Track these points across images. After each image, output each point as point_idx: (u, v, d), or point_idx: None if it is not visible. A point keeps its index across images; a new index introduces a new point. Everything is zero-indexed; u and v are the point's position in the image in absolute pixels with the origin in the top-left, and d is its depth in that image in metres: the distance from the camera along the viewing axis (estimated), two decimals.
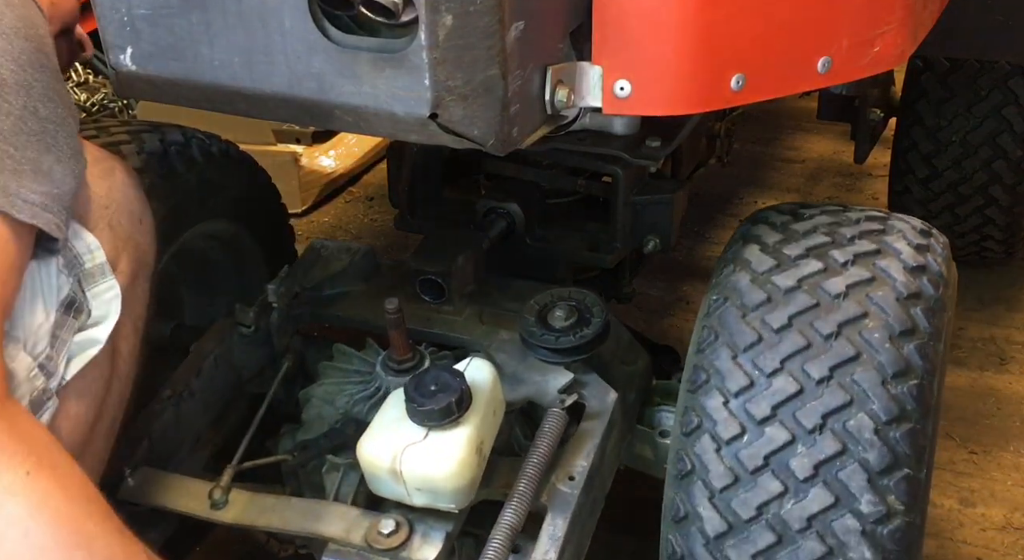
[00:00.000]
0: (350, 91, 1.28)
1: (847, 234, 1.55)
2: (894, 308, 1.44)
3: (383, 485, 1.50)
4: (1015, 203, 2.74)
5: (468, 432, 1.48)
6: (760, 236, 1.58)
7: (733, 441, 1.41)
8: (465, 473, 1.47)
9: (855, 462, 1.36)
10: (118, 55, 1.38)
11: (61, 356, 1.30)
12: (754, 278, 1.51)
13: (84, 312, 1.35)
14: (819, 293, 1.46)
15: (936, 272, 1.52)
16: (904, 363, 1.40)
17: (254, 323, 1.87)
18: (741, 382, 1.43)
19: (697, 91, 1.39)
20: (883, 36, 1.47)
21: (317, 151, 3.53)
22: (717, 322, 1.49)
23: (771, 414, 1.40)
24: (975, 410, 2.56)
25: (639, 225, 2.02)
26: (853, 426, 1.37)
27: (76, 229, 1.37)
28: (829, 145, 3.80)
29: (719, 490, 1.40)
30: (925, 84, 2.69)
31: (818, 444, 1.37)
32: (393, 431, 1.49)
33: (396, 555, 1.46)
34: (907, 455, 1.36)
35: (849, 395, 1.38)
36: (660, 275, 3.03)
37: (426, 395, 1.46)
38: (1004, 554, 2.18)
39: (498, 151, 1.30)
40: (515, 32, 1.24)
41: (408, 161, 2.12)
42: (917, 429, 1.38)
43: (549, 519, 1.50)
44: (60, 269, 1.32)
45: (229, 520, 1.58)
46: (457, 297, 1.88)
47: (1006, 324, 2.87)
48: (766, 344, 1.43)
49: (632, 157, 1.89)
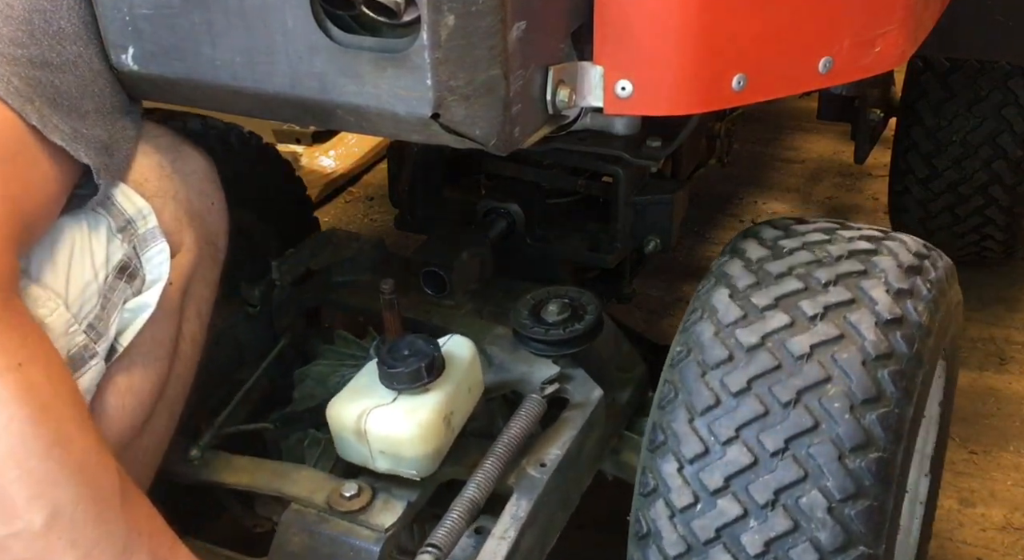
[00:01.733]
0: (352, 91, 1.28)
1: (822, 279, 1.46)
2: (858, 373, 1.36)
3: (349, 448, 1.50)
4: (1015, 203, 2.75)
5: (437, 399, 1.48)
6: (732, 278, 1.51)
7: (686, 510, 1.37)
8: (429, 438, 1.47)
9: (807, 541, 1.31)
10: (119, 55, 1.38)
11: (112, 318, 1.32)
12: (718, 331, 1.44)
13: (139, 278, 1.36)
14: (782, 353, 1.39)
15: (914, 323, 1.43)
16: (864, 435, 1.33)
17: (259, 302, 1.88)
18: (696, 449, 1.38)
19: (698, 91, 1.39)
20: (884, 36, 1.47)
21: (317, 151, 3.54)
22: (678, 378, 1.44)
23: (724, 485, 1.35)
24: (975, 410, 2.56)
25: (639, 225, 2.03)
26: (805, 503, 1.31)
27: (128, 193, 1.38)
28: (829, 145, 3.80)
29: (672, 558, 1.38)
30: (925, 84, 2.69)
31: (769, 521, 1.32)
32: (363, 394, 1.50)
33: (355, 518, 1.46)
34: (862, 533, 1.31)
35: (803, 470, 1.32)
36: (660, 275, 3.03)
37: (398, 359, 1.48)
38: (1004, 554, 2.18)
39: (500, 151, 1.30)
40: (517, 32, 1.24)
41: (409, 161, 2.12)
42: (874, 506, 1.32)
43: (513, 500, 1.50)
44: (113, 233, 1.34)
45: (200, 477, 1.60)
46: (459, 292, 1.89)
47: (1006, 324, 2.88)
48: (723, 408, 1.38)
49: (633, 157, 1.90)
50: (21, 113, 1.19)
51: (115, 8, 1.35)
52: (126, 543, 1.12)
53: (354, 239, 2.04)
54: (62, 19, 1.29)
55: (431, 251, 1.94)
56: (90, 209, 1.33)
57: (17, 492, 1.04)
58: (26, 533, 1.05)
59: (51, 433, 1.05)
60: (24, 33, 1.24)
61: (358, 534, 1.45)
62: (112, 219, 1.35)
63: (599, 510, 1.72)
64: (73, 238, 1.31)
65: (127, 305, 1.34)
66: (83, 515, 1.08)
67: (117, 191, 1.37)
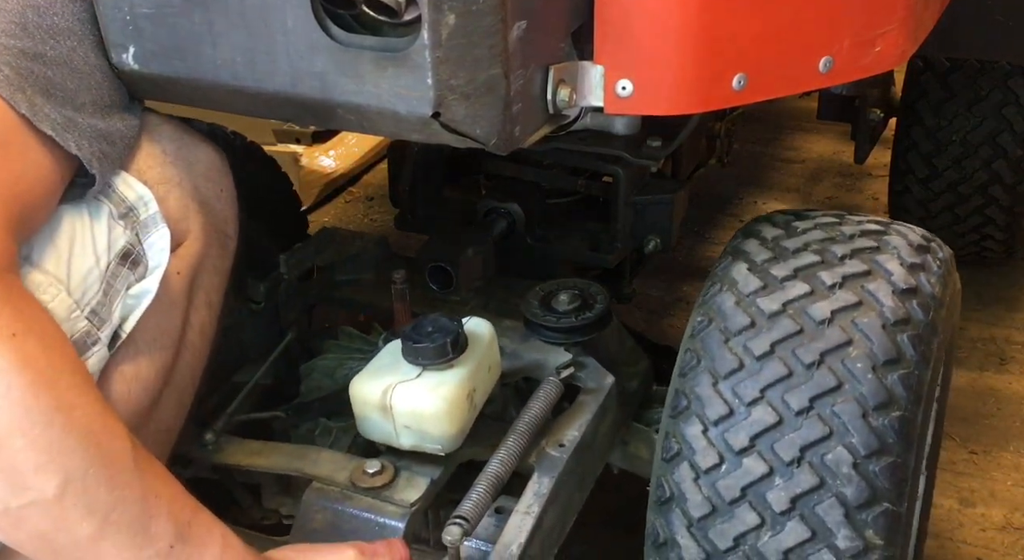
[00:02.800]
0: (352, 90, 1.28)
1: (838, 253, 1.51)
2: (879, 336, 1.40)
3: (372, 425, 1.50)
4: (1015, 203, 2.75)
5: (461, 374, 1.49)
6: (749, 253, 1.55)
7: (711, 471, 1.39)
8: (455, 413, 1.47)
9: (832, 496, 1.33)
10: (120, 54, 1.38)
11: (115, 305, 1.32)
12: (739, 300, 1.47)
13: (141, 264, 1.36)
14: (803, 319, 1.42)
15: (928, 294, 1.48)
16: (886, 394, 1.36)
17: (263, 299, 1.89)
18: (720, 411, 1.40)
19: (699, 91, 1.39)
20: (884, 36, 1.47)
21: (317, 151, 3.53)
22: (700, 345, 1.46)
23: (749, 445, 1.37)
24: (975, 410, 2.56)
25: (639, 225, 2.03)
26: (831, 459, 1.34)
27: (129, 180, 1.38)
28: (829, 145, 3.80)
29: (697, 519, 1.39)
30: (925, 84, 2.69)
31: (795, 477, 1.34)
32: (386, 371, 1.50)
33: (379, 494, 1.46)
34: (886, 489, 1.34)
35: (828, 427, 1.35)
36: (660, 275, 3.03)
37: (423, 335, 1.49)
38: (1004, 554, 2.18)
39: (500, 150, 1.30)
40: (517, 31, 1.24)
41: (409, 161, 2.13)
42: (898, 463, 1.35)
43: (535, 477, 1.50)
44: (115, 220, 1.34)
45: (218, 460, 1.60)
46: (464, 288, 1.91)
47: (1006, 324, 2.88)
48: (747, 372, 1.41)
49: (633, 157, 1.90)
50: (11, 101, 1.19)
51: (116, 7, 1.35)
52: (143, 506, 1.11)
53: (358, 237, 2.06)
54: (56, 15, 1.29)
55: (436, 247, 1.95)
56: (91, 197, 1.33)
57: (24, 462, 1.04)
58: (40, 502, 1.05)
59: (52, 400, 1.05)
60: (17, 26, 1.24)
61: (383, 510, 1.45)
62: (113, 206, 1.35)
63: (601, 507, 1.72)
64: (74, 225, 1.31)
65: (130, 291, 1.34)
66: (95, 480, 1.07)
67: (118, 179, 1.37)
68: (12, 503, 1.05)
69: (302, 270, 1.95)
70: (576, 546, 1.60)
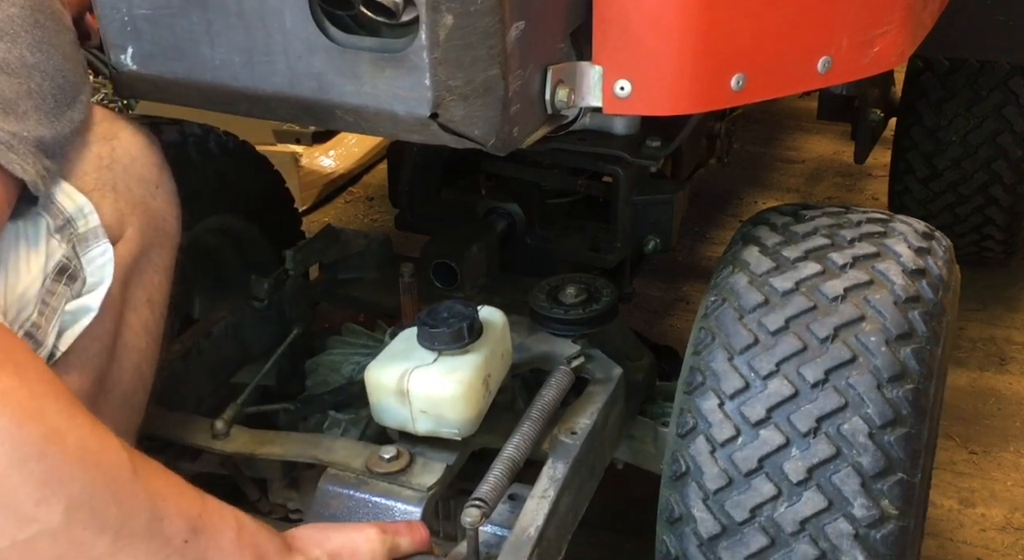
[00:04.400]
0: (350, 91, 1.28)
1: (847, 237, 1.54)
2: (891, 312, 1.43)
3: (388, 411, 1.50)
4: (1015, 203, 2.75)
5: (477, 359, 1.49)
6: (760, 238, 1.58)
7: (728, 443, 1.40)
8: (471, 398, 1.47)
9: (848, 466, 1.35)
10: (119, 55, 1.38)
11: (51, 325, 1.26)
12: (752, 280, 1.50)
13: (79, 279, 1.30)
14: (816, 296, 1.45)
15: (936, 276, 1.51)
16: (900, 367, 1.39)
17: (267, 296, 1.89)
18: (736, 384, 1.42)
19: (698, 91, 1.39)
20: (883, 36, 1.47)
21: (317, 151, 3.53)
22: (714, 323, 1.49)
23: (766, 417, 1.39)
24: (975, 410, 2.56)
25: (639, 225, 2.03)
26: (847, 430, 1.36)
27: (68, 191, 1.31)
28: (829, 145, 3.80)
29: (713, 492, 1.40)
30: (925, 84, 2.69)
31: (812, 447, 1.36)
32: (402, 357, 1.50)
33: (395, 479, 1.46)
34: (901, 459, 1.36)
35: (844, 399, 1.37)
36: (660, 275, 3.03)
37: (439, 321, 1.49)
38: (1004, 554, 2.18)
39: (499, 151, 1.30)
40: (515, 32, 1.24)
41: (408, 161, 2.13)
42: (912, 434, 1.37)
43: (550, 463, 1.51)
44: (52, 233, 1.28)
45: (231, 450, 1.59)
46: (468, 284, 1.92)
47: (1006, 324, 2.87)
48: (762, 346, 1.43)
49: (632, 157, 1.90)
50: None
51: (114, 8, 1.35)
52: (152, 511, 1.10)
53: (362, 236, 2.06)
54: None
55: (441, 245, 1.96)
56: (30, 211, 1.26)
57: (24, 497, 1.01)
58: (48, 532, 1.03)
59: (40, 431, 1.02)
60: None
61: (399, 495, 1.44)
62: (51, 219, 1.28)
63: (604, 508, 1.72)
64: (10, 243, 1.24)
65: (67, 307, 1.28)
66: (100, 500, 1.05)
67: (57, 189, 1.30)
68: (19, 536, 1.02)
69: (307, 267, 1.96)
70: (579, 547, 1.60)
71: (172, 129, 1.95)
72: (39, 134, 1.23)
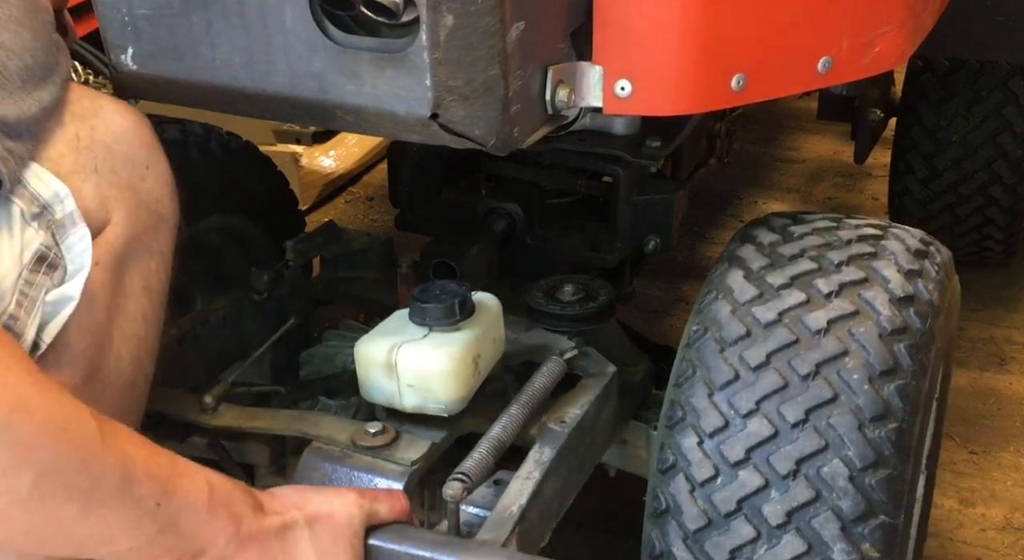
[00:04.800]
0: (351, 91, 1.28)
1: (835, 260, 1.49)
2: (876, 346, 1.38)
3: (375, 386, 1.50)
4: (1015, 203, 2.75)
5: (468, 337, 1.49)
6: (745, 260, 1.54)
7: (707, 483, 1.38)
8: (460, 374, 1.47)
9: (828, 509, 1.32)
10: (119, 55, 1.38)
11: (32, 316, 1.21)
12: (735, 309, 1.46)
13: (59, 268, 1.25)
14: (799, 328, 1.41)
15: (926, 302, 1.46)
16: (883, 406, 1.35)
17: (266, 290, 1.89)
18: (716, 422, 1.39)
19: (698, 91, 1.39)
20: (883, 36, 1.47)
21: (317, 151, 3.53)
22: (696, 355, 1.46)
23: (745, 457, 1.36)
24: (975, 410, 2.56)
25: (639, 225, 2.03)
26: (827, 472, 1.33)
27: (42, 175, 1.25)
28: (829, 145, 3.80)
29: (692, 532, 1.38)
30: (925, 84, 2.69)
31: (791, 490, 1.33)
32: (393, 332, 1.51)
33: (379, 454, 1.45)
34: (883, 502, 1.33)
35: (824, 440, 1.34)
36: (660, 275, 3.03)
37: (431, 297, 1.50)
38: (1004, 554, 2.18)
39: (499, 151, 1.30)
40: (516, 32, 1.24)
41: (408, 161, 2.13)
42: (894, 475, 1.34)
43: (537, 447, 1.50)
44: (27, 221, 1.22)
45: (218, 423, 1.59)
46: (469, 284, 1.91)
47: (1006, 324, 2.87)
48: (742, 383, 1.40)
49: (632, 157, 1.90)
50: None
51: (115, 8, 1.35)
52: (122, 475, 1.08)
53: (363, 234, 2.07)
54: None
55: (441, 245, 1.96)
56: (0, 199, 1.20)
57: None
58: (17, 501, 1.02)
59: (5, 403, 1.00)
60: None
61: (382, 469, 1.43)
62: (25, 205, 1.22)
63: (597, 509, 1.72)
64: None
65: (48, 297, 1.23)
66: (68, 466, 1.05)
67: (29, 173, 1.24)
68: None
69: (307, 259, 1.96)
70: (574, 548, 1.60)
71: (174, 128, 1.95)
72: (4, 113, 1.18)
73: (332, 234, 2.03)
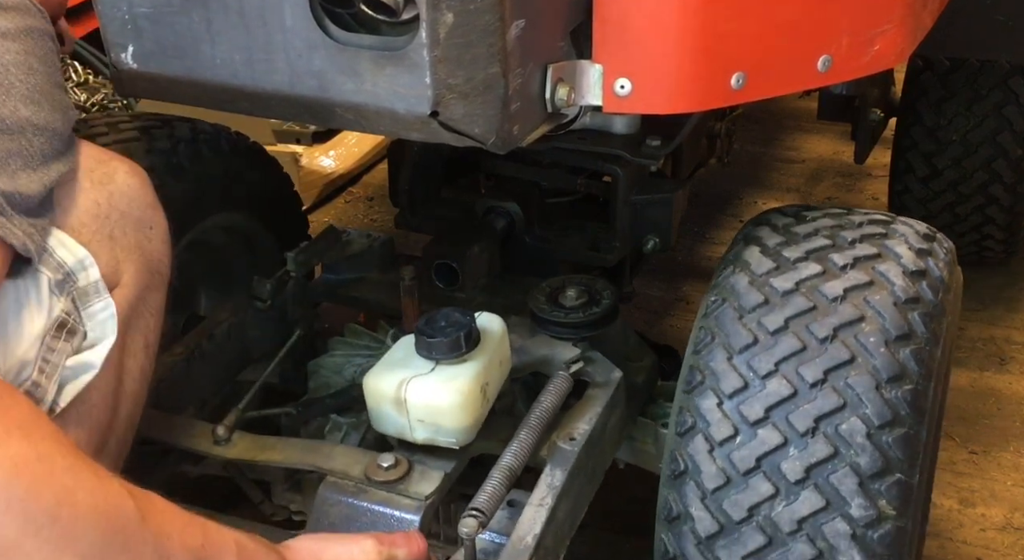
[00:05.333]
0: (351, 89, 1.28)
1: (848, 237, 1.54)
2: (891, 312, 1.43)
3: (386, 419, 1.51)
4: (1015, 202, 2.74)
5: (475, 368, 1.50)
6: (761, 238, 1.58)
7: (726, 442, 1.40)
8: (469, 407, 1.48)
9: (846, 466, 1.35)
10: (119, 54, 1.39)
11: (52, 382, 1.23)
12: (752, 280, 1.50)
13: (79, 334, 1.28)
14: (816, 296, 1.45)
15: (937, 277, 1.51)
16: (899, 368, 1.39)
17: (269, 297, 1.89)
18: (735, 384, 1.42)
19: (697, 90, 1.39)
20: (883, 35, 1.47)
21: (317, 151, 3.53)
22: (714, 323, 1.49)
23: (764, 416, 1.39)
24: (975, 410, 2.56)
25: (639, 225, 2.03)
26: (845, 430, 1.36)
27: (67, 242, 1.28)
28: (829, 145, 3.80)
29: (711, 491, 1.40)
30: (925, 84, 2.69)
31: (810, 447, 1.36)
32: (400, 365, 1.52)
33: (393, 488, 1.47)
34: (899, 460, 1.36)
35: (842, 399, 1.37)
36: (660, 275, 3.03)
37: (436, 330, 1.50)
38: (1004, 554, 2.18)
39: (499, 149, 1.30)
40: (516, 30, 1.24)
41: (408, 160, 2.13)
42: (911, 434, 1.37)
43: (548, 470, 1.51)
44: (52, 289, 1.25)
45: (231, 456, 1.60)
46: (470, 285, 1.92)
47: (1006, 324, 2.87)
48: (761, 346, 1.43)
49: (632, 156, 1.90)
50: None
51: (115, 7, 1.35)
52: (159, 553, 1.09)
53: (363, 236, 2.07)
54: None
55: (442, 245, 1.96)
56: (27, 269, 1.22)
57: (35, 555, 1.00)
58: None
59: (52, 495, 1.00)
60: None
61: (398, 503, 1.46)
62: (51, 274, 1.25)
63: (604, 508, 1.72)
64: (9, 308, 1.20)
65: (67, 362, 1.25)
66: (111, 551, 1.05)
67: (54, 241, 1.26)
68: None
69: (309, 268, 1.96)
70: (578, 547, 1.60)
71: (184, 126, 1.96)
72: (28, 192, 1.19)
73: (332, 239, 2.03)
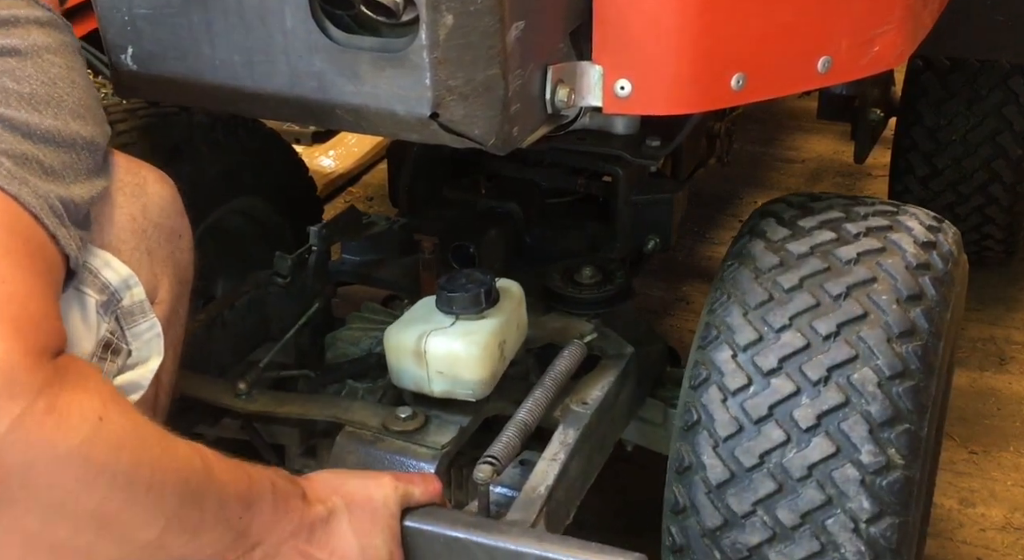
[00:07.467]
0: (351, 90, 1.29)
1: (861, 212, 1.59)
2: (903, 274, 1.47)
3: (405, 372, 1.54)
4: (1015, 202, 2.75)
5: (494, 324, 1.53)
6: (777, 212, 1.63)
7: (739, 392, 1.44)
8: (487, 360, 1.51)
9: (857, 413, 1.38)
10: (119, 55, 1.39)
11: None
12: (768, 245, 1.55)
13: (123, 353, 1.28)
14: (831, 259, 1.49)
15: (946, 250, 1.56)
16: (910, 324, 1.43)
17: (290, 273, 1.91)
18: (750, 336, 1.46)
19: (697, 90, 1.39)
20: (883, 36, 1.47)
21: (317, 151, 3.54)
22: (730, 283, 1.53)
23: (777, 366, 1.42)
24: (975, 410, 2.56)
25: (639, 225, 2.03)
26: (857, 379, 1.39)
27: (112, 263, 1.27)
28: (829, 145, 3.80)
29: (723, 439, 1.43)
30: (925, 84, 2.69)
31: (822, 395, 1.40)
32: (421, 320, 1.55)
33: (410, 437, 1.50)
34: (909, 410, 1.39)
35: (855, 350, 1.41)
36: (660, 275, 3.03)
37: (458, 286, 1.54)
38: (1004, 554, 2.18)
39: (499, 151, 1.30)
40: (515, 32, 1.24)
41: (408, 161, 2.13)
42: (920, 387, 1.41)
43: (561, 429, 1.55)
44: (98, 310, 1.24)
45: (253, 409, 1.63)
46: (486, 267, 1.91)
47: (1006, 324, 2.87)
48: (776, 302, 1.47)
49: (632, 156, 1.90)
50: (23, 201, 1.07)
51: (115, 8, 1.35)
52: (220, 502, 1.14)
53: (383, 219, 2.11)
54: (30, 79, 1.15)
55: (459, 228, 1.98)
56: (72, 288, 1.20)
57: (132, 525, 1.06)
58: (142, 546, 1.08)
59: (148, 467, 1.05)
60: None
61: (414, 452, 1.49)
62: (96, 294, 1.24)
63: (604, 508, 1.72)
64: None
65: (115, 382, 1.26)
66: (188, 508, 1.10)
67: (96, 260, 1.26)
68: (116, 555, 1.08)
69: (330, 244, 1.99)
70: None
71: (200, 112, 1.98)
72: (80, 206, 1.19)
73: (353, 219, 2.07)
